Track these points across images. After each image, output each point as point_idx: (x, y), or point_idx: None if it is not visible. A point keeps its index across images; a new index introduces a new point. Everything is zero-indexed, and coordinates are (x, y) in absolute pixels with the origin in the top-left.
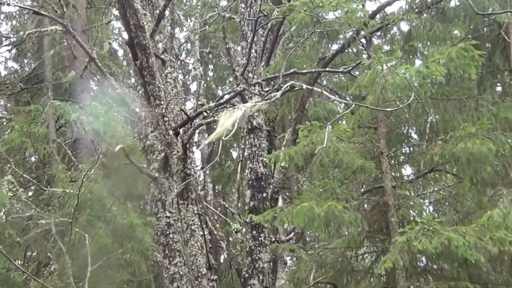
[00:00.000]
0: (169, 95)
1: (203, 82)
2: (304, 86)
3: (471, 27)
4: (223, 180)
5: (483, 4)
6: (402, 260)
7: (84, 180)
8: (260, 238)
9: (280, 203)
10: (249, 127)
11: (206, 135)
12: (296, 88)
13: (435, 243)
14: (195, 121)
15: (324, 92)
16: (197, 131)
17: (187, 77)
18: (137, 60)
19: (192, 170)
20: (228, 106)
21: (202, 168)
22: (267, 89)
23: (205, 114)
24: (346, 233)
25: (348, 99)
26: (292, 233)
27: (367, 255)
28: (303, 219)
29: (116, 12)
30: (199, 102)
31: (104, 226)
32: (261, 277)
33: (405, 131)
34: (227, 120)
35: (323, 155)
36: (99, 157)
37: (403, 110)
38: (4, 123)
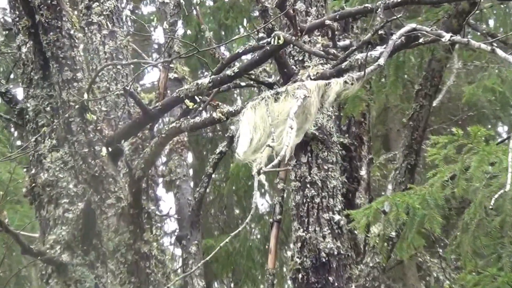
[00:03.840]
0: (98, 58)
1: (181, 25)
2: (446, 37)
3: None
4: (231, 266)
5: None
6: None
7: None
8: None
9: None
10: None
11: (191, 157)
12: (422, 41)
13: None
14: (160, 123)
15: (499, 52)
16: (167, 147)
17: (144, 9)
18: None
19: (156, 246)
20: (243, 84)
21: (179, 241)
22: (344, 42)
23: (187, 104)
24: None
25: None
26: None
27: None
28: None
29: None
30: (173, 74)
31: None
32: None
33: None
34: (261, 125)
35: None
36: None
37: None
38: None
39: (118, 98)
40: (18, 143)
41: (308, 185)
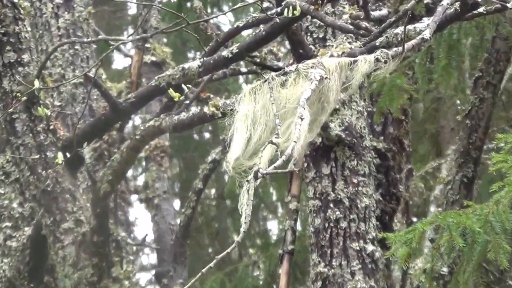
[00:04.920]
0: (49, 35)
1: None
2: None
3: None
4: None
5: None
6: None
7: None
8: None
9: None
10: (315, 142)
11: (179, 164)
12: (483, 10)
13: None
14: (132, 121)
15: None
16: (142, 153)
17: None
18: None
19: (128, 286)
20: (244, 70)
21: (159, 279)
22: (380, 12)
23: (172, 95)
24: None
25: None
26: None
27: None
28: None
29: None
30: (150, 57)
31: None
32: None
33: None
34: (263, 117)
35: None
36: None
37: None
38: None
39: (76, 89)
40: None
41: (332, 205)
